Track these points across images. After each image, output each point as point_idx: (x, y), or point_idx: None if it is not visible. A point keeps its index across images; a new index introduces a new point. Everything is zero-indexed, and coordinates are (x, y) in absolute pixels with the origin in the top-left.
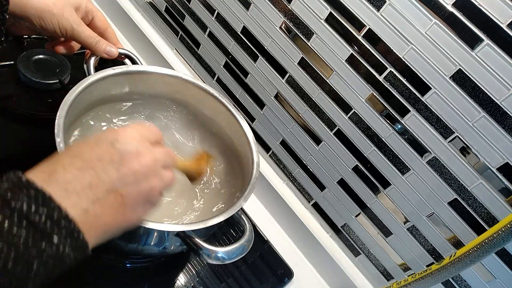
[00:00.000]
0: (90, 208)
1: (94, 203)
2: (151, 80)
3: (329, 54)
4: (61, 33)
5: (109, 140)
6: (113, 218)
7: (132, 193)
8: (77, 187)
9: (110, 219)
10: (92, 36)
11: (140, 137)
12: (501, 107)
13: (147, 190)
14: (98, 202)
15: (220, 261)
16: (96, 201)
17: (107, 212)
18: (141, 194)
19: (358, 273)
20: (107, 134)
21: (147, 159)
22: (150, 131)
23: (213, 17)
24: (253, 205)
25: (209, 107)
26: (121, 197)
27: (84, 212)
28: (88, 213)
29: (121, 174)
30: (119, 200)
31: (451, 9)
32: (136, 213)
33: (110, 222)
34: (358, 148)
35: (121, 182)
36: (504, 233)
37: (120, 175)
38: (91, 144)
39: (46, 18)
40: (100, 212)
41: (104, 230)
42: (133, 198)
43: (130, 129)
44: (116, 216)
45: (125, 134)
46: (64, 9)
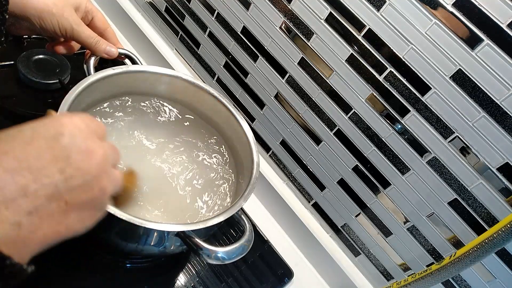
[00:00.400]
0: (24, 221)
1: (29, 214)
2: (151, 80)
3: (329, 54)
4: (61, 33)
5: (51, 133)
6: (54, 230)
7: (78, 197)
8: (6, 195)
9: (50, 231)
10: (92, 36)
11: (88, 130)
12: (501, 107)
13: (97, 193)
14: (35, 212)
15: (220, 261)
16: (32, 212)
17: (47, 223)
18: (90, 198)
19: (358, 273)
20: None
21: (97, 156)
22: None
23: (213, 17)
24: (253, 205)
25: (208, 107)
26: (65, 204)
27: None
28: (21, 227)
29: (67, 176)
30: (62, 207)
31: (451, 9)
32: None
33: (50, 233)
34: (358, 148)
35: (65, 186)
36: (504, 233)
37: (65, 177)
38: (27, 138)
39: (46, 18)
40: (38, 224)
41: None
42: (80, 204)
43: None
44: (58, 227)
45: (71, 126)
46: (64, 9)
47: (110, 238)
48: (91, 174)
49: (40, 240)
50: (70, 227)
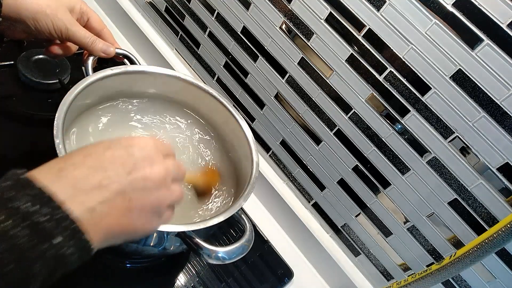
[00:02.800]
0: (97, 208)
1: (101, 203)
2: (150, 80)
3: (329, 54)
4: (56, 34)
5: (124, 145)
6: (118, 221)
7: (140, 199)
8: (86, 185)
9: (115, 222)
10: (87, 36)
11: (154, 146)
12: (501, 107)
13: (156, 200)
14: (105, 202)
15: (220, 261)
16: (103, 202)
17: (113, 214)
18: (149, 202)
19: (358, 273)
20: (122, 139)
21: (159, 168)
22: (163, 144)
23: (213, 17)
24: (253, 205)
25: (208, 107)
26: (128, 201)
27: (90, 211)
28: (94, 212)
29: (132, 178)
30: (126, 204)
31: (451, 9)
32: (142, 221)
33: (115, 224)
34: (358, 148)
35: (130, 186)
36: (504, 233)
37: (130, 179)
38: (105, 146)
39: (40, 20)
40: (106, 213)
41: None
42: (141, 205)
43: (145, 138)
44: (122, 219)
45: (140, 141)
46: (57, 10)
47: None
48: (152, 181)
49: (107, 227)
50: (132, 223)
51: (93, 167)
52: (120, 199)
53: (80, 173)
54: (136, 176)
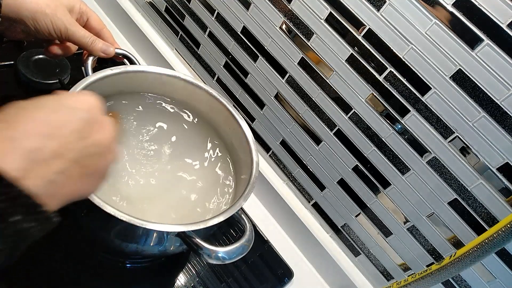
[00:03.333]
0: (55, 179)
1: (58, 173)
2: (150, 80)
3: (329, 54)
4: (55, 34)
5: (69, 105)
6: (75, 188)
7: (94, 164)
8: (41, 156)
9: (72, 189)
10: (86, 36)
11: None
12: (501, 107)
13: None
14: (62, 172)
15: (220, 261)
16: (61, 172)
17: (71, 182)
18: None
19: (358, 273)
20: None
21: (108, 132)
22: (100, 100)
23: (213, 17)
24: (253, 205)
25: (207, 106)
26: (84, 167)
27: (48, 183)
28: (52, 183)
29: (85, 144)
30: (82, 171)
31: (451, 9)
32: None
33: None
34: (358, 148)
35: (85, 152)
36: (504, 233)
37: (84, 145)
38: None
39: (39, 19)
40: (64, 182)
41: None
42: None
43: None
44: (78, 185)
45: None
46: (57, 9)
47: (111, 238)
48: (103, 145)
49: (64, 196)
50: (84, 188)
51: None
52: (76, 167)
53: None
54: (89, 142)
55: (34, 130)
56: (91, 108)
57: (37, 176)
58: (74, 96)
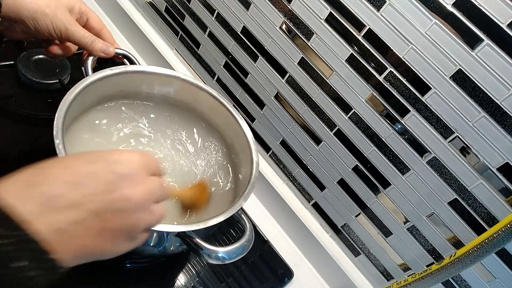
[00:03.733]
0: (68, 229)
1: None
2: (150, 80)
3: (329, 54)
4: (55, 34)
5: (106, 159)
6: (91, 242)
7: (116, 220)
8: (59, 203)
9: (88, 243)
10: (86, 36)
11: (141, 164)
12: (501, 107)
13: (133, 223)
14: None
15: (220, 261)
16: (76, 222)
17: (86, 235)
18: (126, 224)
19: (358, 273)
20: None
21: (141, 190)
22: (151, 161)
23: (213, 17)
24: (253, 205)
25: (208, 106)
26: (104, 222)
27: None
28: (64, 233)
29: (111, 198)
30: (101, 225)
31: (451, 9)
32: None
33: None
34: (358, 148)
35: (108, 206)
36: (504, 233)
37: (109, 199)
38: (88, 159)
39: (39, 19)
40: (79, 234)
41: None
42: (116, 227)
43: (132, 154)
44: (95, 241)
45: (127, 157)
46: (57, 9)
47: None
48: (131, 203)
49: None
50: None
51: (70, 183)
52: (96, 220)
53: (54, 189)
54: (116, 196)
55: (60, 177)
56: (129, 163)
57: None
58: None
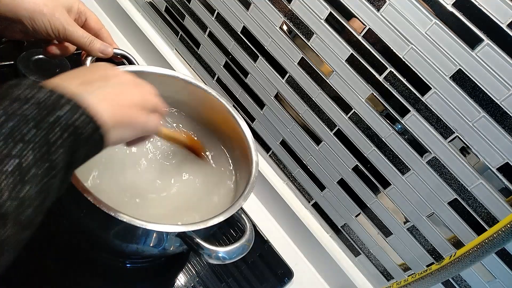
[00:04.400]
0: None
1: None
2: (148, 80)
3: (329, 54)
4: (53, 34)
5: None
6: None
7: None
8: (76, 81)
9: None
10: (85, 36)
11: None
12: (501, 107)
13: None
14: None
15: (220, 261)
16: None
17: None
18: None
19: (358, 273)
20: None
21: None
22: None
23: (213, 17)
24: (253, 205)
25: (207, 106)
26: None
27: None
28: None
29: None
30: (116, 90)
31: (451, 9)
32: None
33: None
34: (358, 148)
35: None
36: (504, 233)
37: (115, 81)
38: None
39: (37, 19)
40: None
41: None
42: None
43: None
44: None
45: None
46: (55, 9)
47: (111, 239)
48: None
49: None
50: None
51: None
52: (110, 87)
53: (83, 77)
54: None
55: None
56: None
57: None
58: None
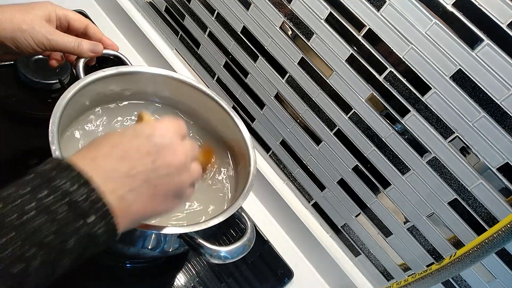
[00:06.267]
0: (126, 196)
1: (129, 191)
2: (143, 80)
3: (329, 54)
4: (39, 48)
5: (147, 133)
6: (144, 207)
7: (164, 184)
8: (116, 175)
9: (141, 208)
10: (71, 41)
11: (174, 131)
12: (501, 107)
13: (178, 184)
14: (133, 191)
15: (222, 261)
16: (131, 190)
17: (140, 201)
18: (172, 186)
19: (358, 273)
20: (144, 127)
21: (180, 154)
22: (180, 125)
23: (213, 17)
24: (253, 205)
25: (202, 105)
26: (153, 188)
27: (119, 199)
28: (123, 200)
29: (156, 166)
30: (151, 191)
31: (451, 9)
32: (165, 204)
33: (141, 210)
34: (358, 148)
35: (155, 173)
36: (504, 233)
37: (154, 167)
38: (130, 136)
39: (19, 37)
40: (134, 200)
41: (135, 218)
42: (165, 190)
43: (165, 123)
44: (147, 205)
45: (161, 128)
46: (33, 23)
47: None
48: (174, 167)
49: (134, 213)
50: (156, 207)
51: (121, 158)
52: (146, 187)
53: (110, 164)
54: (160, 164)
55: (111, 153)
56: (165, 134)
57: (111, 190)
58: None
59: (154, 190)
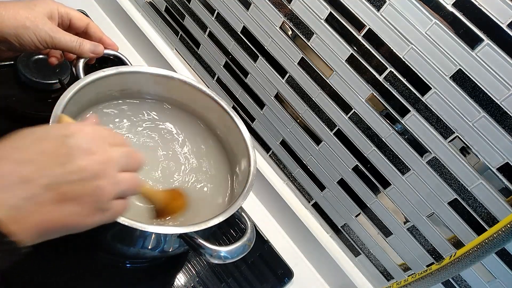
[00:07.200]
0: (22, 205)
1: (26, 199)
2: (143, 80)
3: (329, 54)
4: (41, 45)
5: (60, 134)
6: (50, 217)
7: (75, 191)
8: (9, 181)
9: (46, 217)
10: (73, 40)
11: (98, 136)
12: (501, 107)
13: (94, 191)
14: (31, 198)
15: (222, 260)
16: (29, 198)
17: (43, 209)
18: (87, 193)
19: (358, 273)
20: (59, 127)
21: (98, 158)
22: (110, 133)
23: (213, 17)
24: (253, 205)
25: (202, 104)
26: (60, 195)
27: (13, 209)
28: (18, 209)
29: (66, 170)
30: (58, 197)
31: (451, 9)
32: (81, 215)
33: (46, 220)
34: (358, 148)
35: (63, 178)
36: (504, 233)
37: (64, 171)
38: (38, 136)
39: (22, 34)
40: (34, 209)
41: (40, 228)
42: (76, 197)
43: (86, 127)
44: (54, 214)
45: (80, 131)
46: (37, 20)
47: (112, 242)
48: (88, 172)
49: (37, 223)
50: (66, 217)
51: (20, 161)
52: (50, 194)
53: (5, 169)
54: (70, 168)
55: (9, 156)
56: (84, 136)
57: (3, 200)
58: (69, 124)
59: (61, 197)
